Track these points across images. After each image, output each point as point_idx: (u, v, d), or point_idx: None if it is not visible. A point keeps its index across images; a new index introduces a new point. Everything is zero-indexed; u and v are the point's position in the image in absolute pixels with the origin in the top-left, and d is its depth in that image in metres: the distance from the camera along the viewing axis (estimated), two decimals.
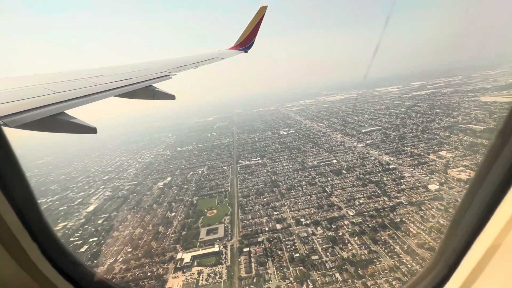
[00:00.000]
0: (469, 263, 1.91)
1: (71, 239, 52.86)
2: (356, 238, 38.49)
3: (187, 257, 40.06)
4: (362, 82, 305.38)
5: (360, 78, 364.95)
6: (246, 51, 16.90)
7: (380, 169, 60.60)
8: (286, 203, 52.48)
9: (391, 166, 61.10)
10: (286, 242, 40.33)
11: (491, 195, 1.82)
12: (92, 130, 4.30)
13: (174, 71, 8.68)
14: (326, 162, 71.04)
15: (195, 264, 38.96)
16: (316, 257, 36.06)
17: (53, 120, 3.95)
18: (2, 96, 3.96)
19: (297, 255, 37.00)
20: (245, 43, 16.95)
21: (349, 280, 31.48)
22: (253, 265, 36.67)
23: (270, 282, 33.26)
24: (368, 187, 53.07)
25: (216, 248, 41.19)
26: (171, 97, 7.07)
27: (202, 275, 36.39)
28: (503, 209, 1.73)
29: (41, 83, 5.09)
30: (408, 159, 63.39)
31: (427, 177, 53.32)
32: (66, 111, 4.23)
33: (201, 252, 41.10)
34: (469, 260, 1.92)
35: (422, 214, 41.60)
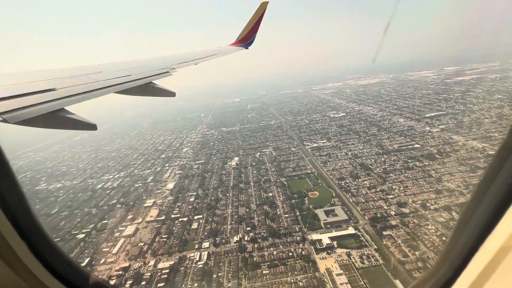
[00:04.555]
0: (476, 265, 1.79)
1: (172, 216, 52.20)
2: None
3: (324, 238, 38.96)
4: (387, 66, 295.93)
5: (386, 61, 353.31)
6: (247, 48, 16.84)
7: (480, 155, 58.21)
8: (394, 187, 50.77)
9: (490, 152, 58.61)
10: (426, 227, 38.98)
11: (502, 194, 1.70)
12: (92, 127, 4.24)
13: (175, 67, 8.75)
14: (409, 147, 68.64)
15: (336, 246, 37.88)
16: None
17: (53, 116, 3.88)
18: (1, 92, 3.77)
19: None
20: (246, 39, 16.80)
21: None
22: (404, 248, 35.48)
23: None
24: (480, 173, 50.95)
25: (350, 230, 39.98)
26: (171, 94, 7.03)
27: (353, 258, 35.36)
28: None
29: (41, 79, 5.00)
30: None
31: None
32: (66, 108, 4.17)
33: (334, 233, 39.92)
34: (477, 263, 1.79)
35: None
